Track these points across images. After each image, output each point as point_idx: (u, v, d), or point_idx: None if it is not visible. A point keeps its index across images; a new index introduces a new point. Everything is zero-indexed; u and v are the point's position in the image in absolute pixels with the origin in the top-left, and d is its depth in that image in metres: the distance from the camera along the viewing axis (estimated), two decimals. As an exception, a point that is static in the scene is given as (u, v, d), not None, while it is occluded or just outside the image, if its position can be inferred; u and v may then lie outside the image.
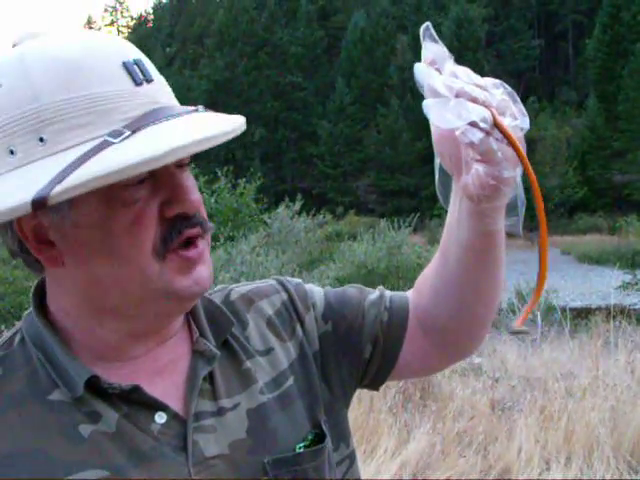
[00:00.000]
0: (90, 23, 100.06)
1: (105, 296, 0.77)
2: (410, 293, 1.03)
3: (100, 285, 0.77)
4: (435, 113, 0.71)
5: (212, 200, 14.30)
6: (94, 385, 0.77)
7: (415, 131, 50.67)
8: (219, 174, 15.21)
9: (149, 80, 0.74)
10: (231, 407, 0.84)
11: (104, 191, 0.70)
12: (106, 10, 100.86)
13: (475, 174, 0.74)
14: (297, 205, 15.30)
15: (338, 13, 69.24)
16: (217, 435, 0.81)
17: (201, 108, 0.77)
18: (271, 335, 0.94)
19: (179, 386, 0.83)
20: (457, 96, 0.71)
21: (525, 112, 0.75)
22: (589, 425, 4.29)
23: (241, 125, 0.76)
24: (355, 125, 56.11)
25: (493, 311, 0.97)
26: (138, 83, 0.73)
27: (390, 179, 52.51)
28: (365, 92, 57.34)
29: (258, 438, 0.84)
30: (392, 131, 52.96)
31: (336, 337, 0.97)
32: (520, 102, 0.75)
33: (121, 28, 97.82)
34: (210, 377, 0.85)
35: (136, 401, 0.78)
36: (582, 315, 9.59)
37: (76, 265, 0.76)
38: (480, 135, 0.70)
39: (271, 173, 50.94)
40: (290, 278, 1.03)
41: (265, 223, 15.01)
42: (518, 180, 0.75)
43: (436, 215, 33.66)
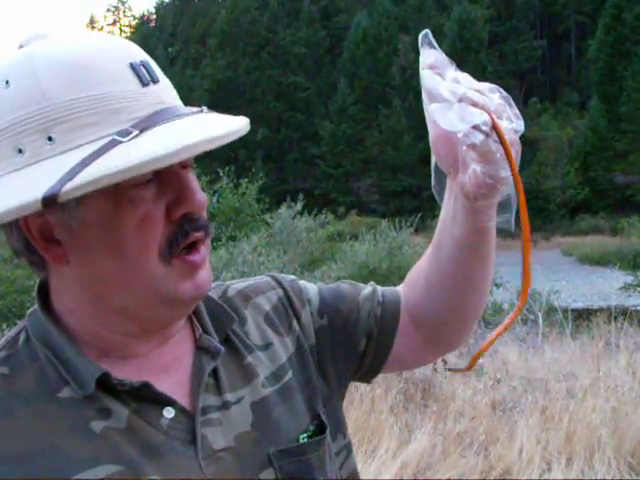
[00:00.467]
0: (92, 22, 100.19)
1: (109, 295, 0.78)
2: (401, 288, 1.07)
3: (104, 284, 0.77)
4: (440, 116, 0.76)
5: (214, 200, 14.30)
6: (103, 382, 0.78)
7: (417, 131, 50.62)
8: (221, 174, 15.20)
9: (155, 81, 0.75)
10: (235, 401, 0.86)
11: (111, 190, 0.70)
12: (108, 10, 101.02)
13: (472, 173, 0.78)
14: (299, 205, 15.29)
15: (340, 13, 69.27)
16: (223, 428, 0.83)
17: (205, 109, 0.78)
18: (269, 330, 0.96)
19: (184, 382, 0.84)
20: (460, 101, 0.76)
21: (519, 115, 0.80)
22: (590, 426, 4.29)
23: (246, 125, 0.77)
24: (357, 125, 56.09)
25: (483, 304, 1.02)
26: (145, 84, 0.74)
27: (392, 179, 52.49)
28: (367, 92, 57.33)
29: (262, 430, 0.86)
30: (394, 131, 52.94)
31: (332, 331, 1.00)
32: (514, 106, 0.80)
33: (123, 28, 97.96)
34: (214, 372, 0.87)
35: (145, 397, 0.79)
36: (584, 316, 9.58)
37: (81, 263, 0.77)
38: (481, 137, 0.75)
39: (273, 173, 50.95)
40: (284, 275, 1.06)
41: (267, 223, 15.01)
42: (511, 180, 0.79)
43: (438, 216, 33.54)
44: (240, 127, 0.75)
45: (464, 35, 52.87)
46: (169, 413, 0.80)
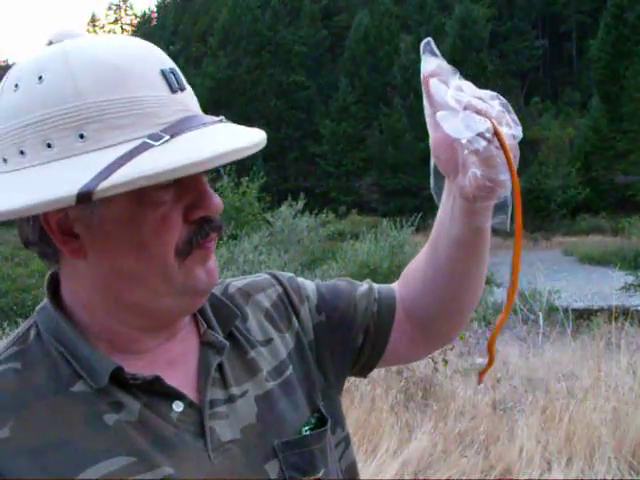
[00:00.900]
0: (94, 21, 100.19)
1: (125, 290, 0.81)
2: (396, 285, 1.11)
3: (121, 279, 0.80)
4: (447, 124, 0.80)
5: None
6: (115, 376, 0.80)
7: (418, 131, 50.57)
8: (222, 173, 15.21)
9: (182, 89, 0.79)
10: (240, 394, 0.89)
11: (135, 191, 0.72)
12: (110, 8, 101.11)
13: (472, 176, 0.81)
14: (300, 204, 15.30)
15: (342, 12, 69.26)
16: (230, 421, 0.87)
17: (224, 119, 0.82)
18: (269, 327, 0.99)
19: (191, 376, 0.87)
20: (465, 109, 0.80)
21: (518, 121, 0.84)
22: (590, 426, 4.28)
23: (265, 138, 0.82)
24: (358, 124, 56.09)
25: (476, 300, 1.06)
26: (174, 90, 0.77)
27: (393, 178, 52.49)
28: (368, 91, 57.33)
29: (267, 423, 0.89)
30: (395, 131, 52.95)
31: (330, 327, 1.03)
32: (513, 112, 0.84)
33: (125, 26, 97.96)
34: (219, 367, 0.90)
35: (155, 391, 0.82)
36: (584, 316, 9.57)
37: (99, 258, 0.79)
38: (484, 143, 0.79)
39: (274, 172, 50.90)
40: (283, 272, 1.09)
41: (268, 222, 15.02)
42: (509, 183, 0.83)
43: (439, 215, 33.67)
44: (261, 139, 0.80)
45: (465, 34, 52.84)
46: (178, 407, 0.83)
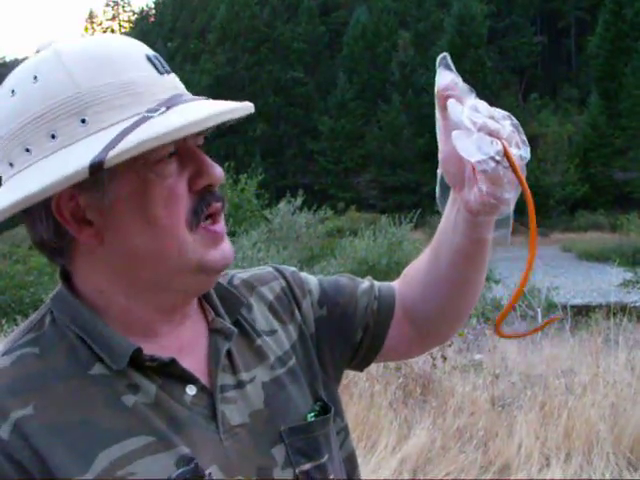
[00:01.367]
0: (92, 17, 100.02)
1: (142, 268, 0.83)
2: (396, 283, 1.15)
3: (138, 258, 0.82)
4: (460, 144, 0.83)
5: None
6: (132, 359, 0.82)
7: (416, 127, 50.60)
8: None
9: (168, 72, 0.84)
10: (249, 380, 0.93)
11: (139, 167, 0.78)
12: (107, 5, 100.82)
13: (478, 192, 0.85)
14: (298, 201, 15.29)
15: (340, 9, 69.13)
16: (239, 406, 0.90)
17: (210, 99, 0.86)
18: (273, 318, 1.03)
19: (201, 362, 0.90)
20: (479, 130, 0.83)
21: (527, 142, 0.87)
22: (589, 422, 4.29)
23: (251, 106, 0.86)
24: (356, 121, 56.05)
25: (473, 305, 1.11)
26: (161, 73, 0.82)
27: (391, 175, 52.48)
28: (366, 88, 57.27)
29: (274, 409, 0.92)
30: (393, 127, 52.91)
31: (330, 321, 1.07)
32: (523, 132, 0.87)
33: (122, 23, 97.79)
34: (228, 353, 0.93)
35: (170, 374, 0.85)
36: (583, 312, 9.59)
37: (115, 240, 0.82)
38: (493, 165, 0.82)
39: (272, 169, 50.87)
40: (285, 266, 1.13)
41: (266, 219, 15.02)
42: (513, 202, 0.87)
43: (437, 211, 33.45)
44: (251, 105, 0.85)
45: (464, 31, 52.74)
46: (191, 390, 0.86)
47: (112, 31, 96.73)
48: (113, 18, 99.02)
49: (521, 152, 0.85)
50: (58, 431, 0.77)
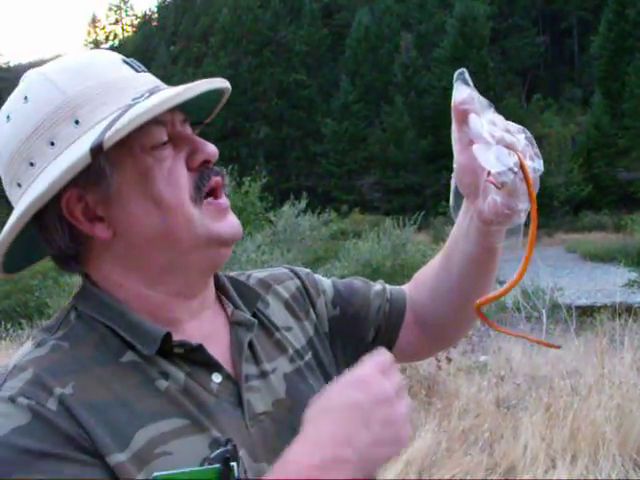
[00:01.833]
0: (94, 22, 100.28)
1: (155, 252, 0.88)
2: (407, 287, 1.20)
3: (150, 242, 0.87)
4: (481, 156, 0.88)
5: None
6: (160, 348, 0.86)
7: (420, 129, 50.63)
8: (223, 172, 15.20)
9: (145, 71, 0.91)
10: (271, 370, 0.97)
11: (137, 153, 0.84)
12: (110, 9, 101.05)
13: (492, 202, 0.90)
14: (302, 203, 15.29)
15: (342, 11, 69.23)
16: (262, 395, 0.94)
17: None
18: (289, 315, 1.07)
19: (225, 352, 0.94)
20: (497, 143, 0.88)
21: (540, 154, 0.93)
22: (595, 423, 4.28)
23: (225, 81, 0.96)
24: (359, 123, 56.07)
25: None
26: (138, 71, 0.89)
27: (395, 177, 52.46)
28: (369, 90, 57.28)
29: (295, 398, 0.96)
30: (396, 129, 52.90)
31: (344, 321, 1.11)
32: (536, 146, 0.93)
33: (125, 27, 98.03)
34: (249, 344, 0.97)
35: (197, 361, 0.89)
36: (587, 313, 9.57)
37: (127, 228, 0.86)
38: (511, 176, 0.87)
39: (276, 171, 50.91)
40: (300, 267, 1.18)
41: (270, 221, 15.03)
42: (525, 213, 0.91)
43: (441, 213, 33.58)
44: (224, 80, 0.95)
45: (466, 32, 52.69)
46: (217, 378, 0.90)
47: (115, 35, 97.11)
48: (116, 22, 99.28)
49: (535, 164, 0.90)
50: (97, 410, 0.80)
